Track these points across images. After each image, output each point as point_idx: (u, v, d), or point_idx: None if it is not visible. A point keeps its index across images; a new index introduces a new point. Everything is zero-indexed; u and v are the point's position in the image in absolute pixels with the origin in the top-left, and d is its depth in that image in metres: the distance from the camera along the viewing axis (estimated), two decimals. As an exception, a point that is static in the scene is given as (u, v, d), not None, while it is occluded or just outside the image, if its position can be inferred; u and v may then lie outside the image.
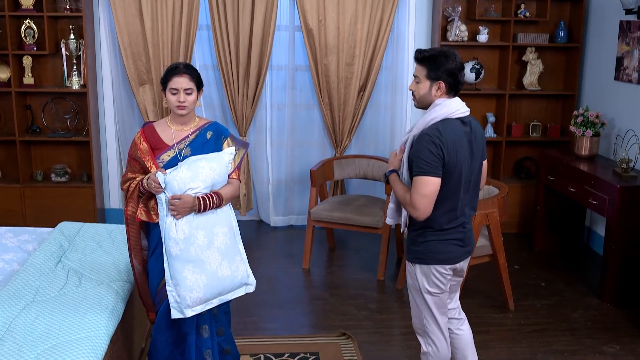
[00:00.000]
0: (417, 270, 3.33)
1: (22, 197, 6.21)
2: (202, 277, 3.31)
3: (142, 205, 3.41)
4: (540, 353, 4.35)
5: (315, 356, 4.25)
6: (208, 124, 3.53)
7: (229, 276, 3.41)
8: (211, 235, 3.34)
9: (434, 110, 3.15)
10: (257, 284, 5.17)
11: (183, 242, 3.27)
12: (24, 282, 3.56)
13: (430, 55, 3.14)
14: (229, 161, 3.44)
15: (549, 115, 6.60)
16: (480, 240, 4.78)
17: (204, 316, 3.48)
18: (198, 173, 3.29)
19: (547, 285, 5.36)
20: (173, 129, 3.46)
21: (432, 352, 3.44)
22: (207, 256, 3.32)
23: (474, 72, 6.25)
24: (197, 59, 6.37)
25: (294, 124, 6.55)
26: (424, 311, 3.39)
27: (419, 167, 3.08)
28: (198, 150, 3.42)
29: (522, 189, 6.43)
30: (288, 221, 6.74)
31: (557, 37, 6.29)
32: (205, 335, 3.52)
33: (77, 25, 6.05)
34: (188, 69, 3.39)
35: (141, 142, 3.41)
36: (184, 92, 3.35)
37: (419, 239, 3.30)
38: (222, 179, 3.40)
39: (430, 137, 3.08)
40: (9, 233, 4.44)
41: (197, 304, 3.33)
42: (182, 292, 3.28)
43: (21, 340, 3.01)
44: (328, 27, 6.15)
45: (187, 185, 3.26)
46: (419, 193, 3.09)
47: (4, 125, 6.30)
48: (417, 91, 3.22)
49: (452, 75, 3.13)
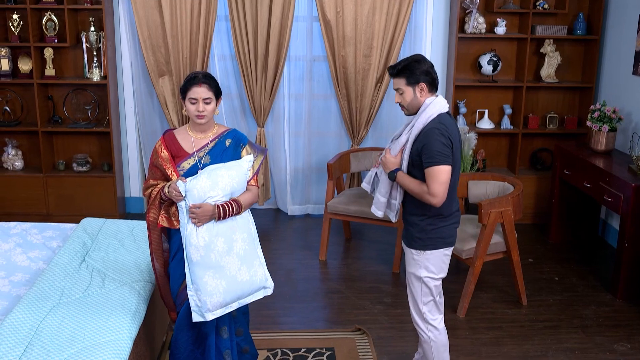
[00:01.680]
0: (425, 257, 3.57)
1: (45, 186, 6.34)
2: (222, 282, 3.40)
3: (163, 212, 3.50)
4: (551, 351, 4.43)
5: (331, 352, 4.36)
6: (227, 131, 3.59)
7: (248, 281, 3.50)
8: (230, 241, 3.43)
9: (428, 109, 3.42)
10: (275, 275, 5.34)
11: (203, 249, 3.36)
12: (50, 283, 3.68)
13: (402, 66, 3.43)
14: (247, 169, 3.51)
15: (566, 107, 6.60)
16: (494, 237, 4.84)
17: (223, 318, 3.57)
18: (217, 181, 3.36)
19: (561, 280, 5.43)
20: (193, 137, 3.53)
21: (434, 337, 3.68)
22: (226, 262, 3.41)
23: (492, 64, 6.25)
24: (216, 49, 6.42)
25: (311, 115, 6.61)
26: (425, 297, 3.63)
27: (433, 157, 3.35)
28: (217, 158, 3.49)
29: (537, 180, 6.46)
30: (305, 210, 6.83)
31: (576, 29, 6.27)
32: (225, 336, 3.62)
33: (97, 17, 6.12)
34: (207, 79, 3.45)
35: (162, 150, 3.49)
36: (202, 102, 3.41)
37: (429, 227, 3.53)
38: (241, 186, 3.47)
39: (439, 130, 3.36)
40: (33, 229, 4.56)
41: (217, 308, 3.43)
42: (202, 297, 3.38)
43: (49, 344, 3.13)
44: (346, 19, 6.17)
45: (207, 193, 3.33)
46: (438, 181, 3.35)
47: (26, 115, 6.42)
48: (404, 100, 3.48)
49: (428, 74, 3.42)
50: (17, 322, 3.26)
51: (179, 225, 3.43)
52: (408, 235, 3.62)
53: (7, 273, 3.92)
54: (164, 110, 6.35)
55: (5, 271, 3.94)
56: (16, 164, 6.43)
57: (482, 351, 4.42)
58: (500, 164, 6.74)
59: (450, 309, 4.91)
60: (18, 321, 3.26)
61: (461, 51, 6.38)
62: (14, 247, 4.27)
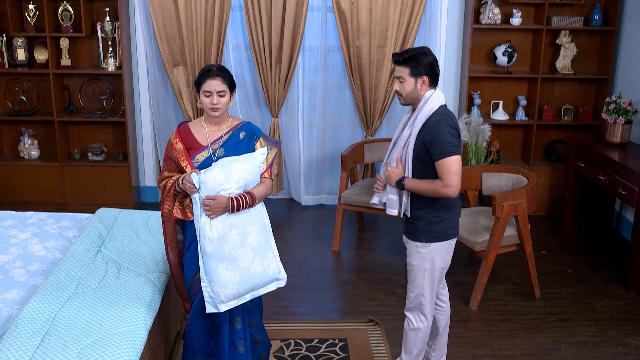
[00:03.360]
0: (431, 250, 3.60)
1: (61, 176, 6.40)
2: (236, 274, 3.43)
3: (177, 203, 3.52)
4: (563, 344, 4.43)
5: (344, 342, 4.39)
6: (241, 124, 3.61)
7: (261, 272, 3.52)
8: (244, 233, 3.45)
9: (429, 102, 3.45)
10: (289, 266, 5.36)
11: (217, 241, 3.39)
12: (66, 273, 3.72)
13: (409, 55, 3.42)
14: (261, 161, 3.52)
15: (582, 98, 6.57)
16: (507, 229, 4.84)
17: (236, 309, 3.60)
18: (231, 174, 3.38)
19: (574, 273, 5.42)
20: (207, 130, 3.55)
21: (422, 327, 3.77)
22: (240, 254, 3.44)
23: (507, 55, 6.23)
24: (230, 40, 6.43)
25: (325, 105, 6.61)
26: (426, 290, 3.68)
27: (444, 149, 3.37)
28: (231, 151, 3.51)
29: (552, 172, 6.45)
30: (319, 200, 6.85)
31: (592, 20, 6.23)
32: (238, 327, 3.64)
33: (112, 7, 6.14)
34: (221, 72, 3.46)
35: (177, 142, 3.52)
36: (217, 95, 3.43)
37: (435, 219, 3.56)
38: (255, 179, 3.49)
39: (445, 121, 3.40)
40: (49, 219, 4.61)
41: (231, 300, 3.46)
42: (216, 288, 3.41)
43: (65, 334, 3.17)
44: (360, 9, 6.15)
45: (221, 186, 3.36)
46: (452, 172, 3.39)
47: (42, 105, 6.47)
48: (404, 90, 3.48)
49: (432, 68, 3.43)
50: (34, 312, 3.30)
51: (193, 217, 3.46)
52: (412, 229, 3.63)
53: (24, 263, 3.97)
54: (179, 100, 6.38)
55: (22, 260, 3.99)
56: (32, 153, 6.48)
57: (494, 343, 4.43)
58: (515, 155, 6.72)
59: (463, 301, 4.92)
60: (35, 311, 3.31)
61: (476, 42, 6.35)
62: (30, 236, 4.31)
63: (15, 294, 3.60)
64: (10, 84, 6.38)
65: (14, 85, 6.39)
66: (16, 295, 3.59)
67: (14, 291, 3.63)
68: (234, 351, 3.64)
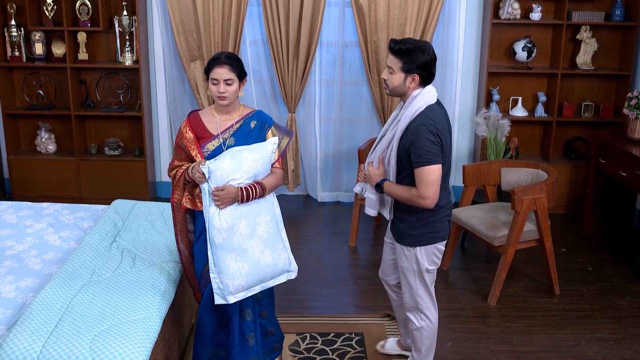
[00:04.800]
0: (417, 253, 3.50)
1: (77, 170, 6.40)
2: (245, 265, 3.38)
3: (187, 193, 3.47)
4: (584, 340, 4.36)
5: (360, 337, 4.34)
6: (252, 113, 3.55)
7: (271, 264, 3.47)
8: (254, 224, 3.40)
9: (415, 102, 3.29)
10: (304, 261, 5.34)
11: (226, 232, 3.34)
12: (81, 262, 3.70)
13: (406, 48, 3.25)
14: (272, 151, 3.46)
15: (602, 95, 6.48)
16: (527, 225, 4.77)
17: (247, 300, 3.55)
18: (241, 164, 3.33)
19: (594, 270, 5.33)
20: (218, 118, 3.49)
21: (425, 325, 3.67)
22: (249, 245, 3.39)
23: (526, 51, 6.15)
24: (247, 34, 6.41)
25: (342, 101, 6.57)
26: (420, 290, 3.59)
27: (422, 157, 3.23)
28: (242, 140, 3.46)
29: (571, 169, 6.36)
30: (335, 197, 6.79)
31: (613, 15, 6.14)
32: (248, 319, 3.59)
33: (130, 1, 6.13)
34: (229, 60, 3.39)
35: (187, 131, 3.46)
36: (224, 83, 3.36)
37: (417, 223, 3.44)
38: (265, 169, 3.44)
39: (426, 127, 3.23)
40: (65, 210, 4.60)
41: (240, 291, 3.41)
42: (224, 279, 3.36)
43: (79, 321, 3.15)
44: (378, 4, 6.11)
45: (230, 175, 3.30)
46: (426, 182, 3.24)
47: (59, 99, 6.48)
48: (391, 82, 3.36)
49: (426, 68, 3.28)
50: (49, 299, 3.29)
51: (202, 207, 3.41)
52: (397, 231, 3.54)
53: (40, 252, 3.95)
54: (195, 95, 6.36)
55: (37, 250, 3.98)
56: (49, 148, 6.49)
57: (513, 339, 4.37)
58: (534, 152, 6.63)
59: (481, 297, 4.86)
60: (49, 298, 3.29)
61: (495, 37, 6.28)
62: (46, 227, 4.30)
63: (30, 282, 3.59)
64: (27, 78, 6.39)
65: (32, 80, 6.40)
66: (31, 283, 3.58)
67: (28, 279, 3.61)
68: (244, 343, 3.60)
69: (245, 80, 3.47)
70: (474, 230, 4.94)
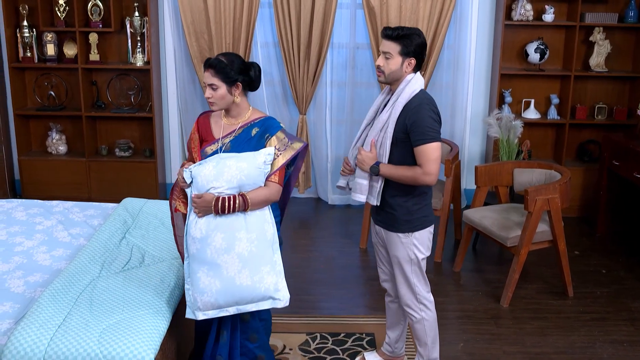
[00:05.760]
0: (414, 239, 3.49)
1: (88, 171, 6.39)
2: (216, 282, 3.15)
3: (182, 196, 3.36)
4: (599, 342, 4.29)
5: (371, 337, 4.29)
6: (259, 119, 3.34)
7: (249, 286, 3.17)
8: (232, 239, 3.15)
9: (411, 84, 3.34)
10: (315, 262, 5.30)
11: (199, 242, 3.16)
12: (90, 257, 3.68)
13: (405, 33, 3.30)
14: (263, 162, 3.19)
15: (616, 97, 6.42)
16: (540, 225, 4.71)
17: (225, 321, 3.36)
18: (223, 172, 3.14)
19: (608, 272, 5.27)
20: (224, 122, 3.35)
21: (426, 316, 3.64)
22: (224, 261, 3.14)
23: (539, 53, 6.11)
24: (259, 36, 6.40)
25: (353, 103, 6.54)
26: (415, 279, 3.56)
27: (426, 134, 3.26)
28: (239, 147, 3.27)
29: (584, 172, 6.30)
30: (346, 200, 6.75)
31: (627, 16, 6.09)
32: (221, 342, 3.39)
33: (141, 2, 6.15)
34: (214, 63, 3.19)
35: (194, 131, 3.39)
36: (209, 87, 3.20)
37: (414, 207, 3.45)
38: (253, 181, 3.17)
39: (428, 105, 3.30)
40: (75, 208, 4.58)
41: (209, 309, 3.20)
42: (194, 293, 3.20)
43: (88, 315, 3.13)
44: (390, 5, 6.09)
45: (210, 183, 3.14)
46: (432, 159, 3.27)
47: (70, 100, 6.49)
48: (388, 67, 3.34)
49: (422, 51, 3.34)
50: (57, 293, 3.27)
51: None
52: (391, 219, 3.49)
53: (49, 248, 3.93)
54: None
55: (47, 246, 3.96)
56: (60, 149, 6.49)
57: (526, 341, 4.31)
58: (546, 155, 6.58)
59: (493, 299, 4.81)
60: (58, 292, 3.27)
61: (507, 39, 6.24)
62: (56, 224, 4.29)
63: (38, 277, 3.57)
64: (39, 79, 6.41)
65: (43, 81, 6.41)
66: (39, 278, 3.56)
67: (37, 274, 3.59)
68: None
69: (238, 85, 3.24)
70: (486, 231, 4.89)
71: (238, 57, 3.29)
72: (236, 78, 3.22)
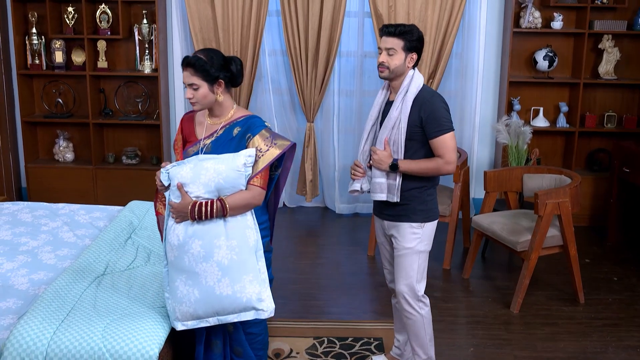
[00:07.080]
0: (426, 230, 3.51)
1: (95, 179, 6.37)
2: (195, 291, 3.00)
3: (164, 199, 3.24)
4: (611, 348, 4.21)
5: (379, 341, 4.23)
6: (241, 118, 3.17)
7: (229, 296, 3.00)
8: (210, 246, 2.98)
9: (414, 79, 3.41)
10: (323, 268, 5.25)
11: (177, 249, 3.02)
12: (95, 256, 3.66)
13: (406, 29, 3.36)
14: (243, 164, 3.01)
15: (625, 105, 6.37)
16: (550, 230, 4.65)
17: (215, 330, 3.24)
18: (200, 175, 2.97)
19: (620, 280, 5.19)
20: (207, 122, 3.21)
21: (425, 313, 3.62)
22: (203, 269, 2.98)
23: (547, 60, 6.08)
24: (267, 44, 6.40)
25: (361, 111, 6.51)
26: (420, 274, 3.56)
27: (442, 125, 3.34)
28: (220, 148, 3.12)
29: (594, 181, 6.24)
30: (354, 209, 6.71)
31: (636, 24, 6.06)
32: (216, 351, 3.27)
33: (149, 10, 6.16)
34: (193, 61, 3.04)
35: (178, 132, 3.30)
36: (189, 88, 3.07)
37: (428, 197, 3.50)
38: (232, 184, 3.00)
39: (438, 97, 3.40)
40: (81, 210, 4.57)
41: (188, 320, 3.05)
42: (172, 302, 3.06)
43: (91, 311, 3.09)
44: (398, 13, 6.08)
45: (187, 187, 2.98)
46: (450, 148, 3.36)
47: (78, 108, 6.48)
48: (392, 63, 3.37)
49: (422, 45, 3.41)
50: (61, 289, 3.24)
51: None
52: (404, 210, 3.47)
53: (54, 248, 3.91)
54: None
55: (51, 246, 3.94)
56: (67, 156, 6.48)
57: (537, 346, 4.23)
58: (556, 163, 6.52)
59: (503, 305, 4.74)
60: (62, 288, 3.24)
61: (516, 46, 6.22)
62: (61, 225, 4.27)
63: (43, 275, 3.54)
64: (47, 86, 6.41)
65: (51, 88, 6.42)
66: (44, 276, 3.53)
67: (41, 272, 3.57)
68: None
69: (220, 82, 3.09)
70: (496, 236, 4.84)
71: (217, 53, 3.13)
72: (217, 75, 3.07)
